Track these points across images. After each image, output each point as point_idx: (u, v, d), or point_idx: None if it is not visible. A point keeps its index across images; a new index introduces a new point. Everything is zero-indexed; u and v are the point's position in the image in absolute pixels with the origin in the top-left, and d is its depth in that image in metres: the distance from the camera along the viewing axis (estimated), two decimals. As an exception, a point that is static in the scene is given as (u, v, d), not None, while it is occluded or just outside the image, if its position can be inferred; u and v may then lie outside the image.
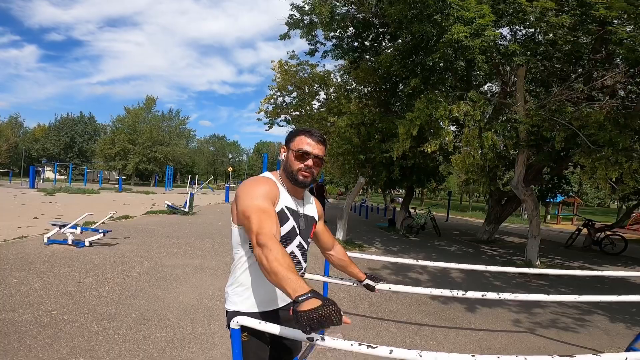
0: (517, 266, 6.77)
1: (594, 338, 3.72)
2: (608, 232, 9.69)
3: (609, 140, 5.52)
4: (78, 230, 6.63)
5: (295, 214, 1.63)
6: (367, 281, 2.19)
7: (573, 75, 7.54)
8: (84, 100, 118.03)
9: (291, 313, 1.08)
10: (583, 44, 7.00)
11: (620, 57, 6.52)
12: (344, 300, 4.63)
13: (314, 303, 1.05)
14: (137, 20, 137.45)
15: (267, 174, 1.67)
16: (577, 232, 10.64)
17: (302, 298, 1.08)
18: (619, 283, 6.44)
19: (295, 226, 1.61)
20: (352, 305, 4.45)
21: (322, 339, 1.30)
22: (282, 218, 1.54)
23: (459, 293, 2.22)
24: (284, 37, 10.66)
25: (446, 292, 2.29)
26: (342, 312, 1.05)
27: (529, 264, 6.79)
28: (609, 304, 4.74)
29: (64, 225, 6.57)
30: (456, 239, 11.25)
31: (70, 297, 4.04)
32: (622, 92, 7.34)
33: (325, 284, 3.20)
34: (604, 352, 1.32)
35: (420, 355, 1.23)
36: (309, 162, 1.59)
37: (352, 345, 1.30)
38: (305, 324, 1.04)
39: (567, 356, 1.34)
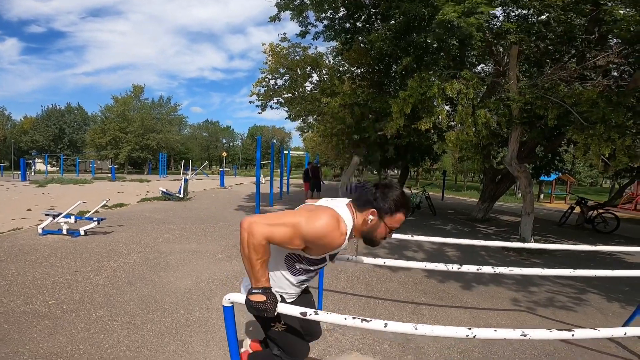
0: (512, 242, 6.86)
1: (589, 317, 3.77)
2: (600, 210, 9.76)
3: (602, 117, 5.53)
4: (72, 220, 6.60)
5: (332, 256, 1.76)
6: None
7: (567, 57, 7.50)
8: (70, 92, 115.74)
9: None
10: (576, 25, 6.95)
11: (614, 37, 6.49)
12: (341, 280, 4.67)
13: (260, 298, 1.46)
14: (121, 10, 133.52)
15: (346, 225, 1.55)
16: (570, 210, 10.73)
17: (254, 291, 1.48)
18: (612, 261, 6.54)
19: (322, 265, 1.78)
20: (349, 285, 4.50)
21: (316, 313, 1.32)
22: (318, 261, 1.69)
23: (454, 267, 2.23)
24: (274, 18, 10.42)
25: (441, 266, 2.30)
26: (275, 310, 1.48)
27: (523, 242, 6.86)
28: (603, 284, 4.81)
29: (58, 215, 6.53)
30: (451, 218, 11.34)
31: (67, 287, 4.04)
32: (616, 73, 7.33)
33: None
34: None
35: (416, 329, 1.24)
36: (392, 234, 1.67)
37: (345, 319, 1.30)
38: (248, 307, 1.49)
39: (565, 330, 1.35)
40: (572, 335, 1.41)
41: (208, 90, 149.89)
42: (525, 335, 1.33)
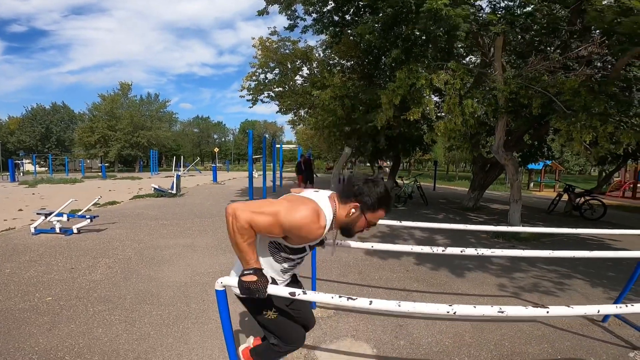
0: (500, 231, 7.00)
1: (573, 302, 3.84)
2: (587, 197, 9.94)
3: (584, 105, 5.69)
4: (65, 218, 6.60)
5: (313, 246, 1.83)
6: None
7: (550, 48, 7.62)
8: (56, 90, 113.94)
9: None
10: (560, 17, 7.06)
11: (596, 28, 6.62)
12: (335, 269, 4.77)
13: (251, 278, 1.53)
14: (105, 7, 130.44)
15: (325, 218, 1.61)
16: (558, 197, 10.91)
17: (246, 272, 1.55)
18: (599, 247, 6.69)
19: (303, 256, 1.84)
20: (342, 274, 4.60)
21: (304, 293, 1.40)
22: (299, 251, 1.76)
23: (439, 249, 2.33)
24: (262, 12, 10.41)
25: (426, 249, 2.39)
26: (266, 291, 1.54)
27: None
28: (588, 269, 4.94)
29: (49, 214, 6.52)
30: (443, 207, 11.50)
31: (64, 284, 4.08)
32: (599, 63, 7.47)
33: (313, 252, 3.29)
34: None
35: (399, 305, 1.32)
36: (369, 228, 1.76)
37: (332, 297, 1.38)
38: (240, 288, 1.56)
39: (541, 306, 1.44)
40: (547, 312, 1.47)
41: (198, 86, 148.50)
42: (502, 312, 1.41)
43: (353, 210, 1.64)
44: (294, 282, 2.02)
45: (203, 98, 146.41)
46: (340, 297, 1.38)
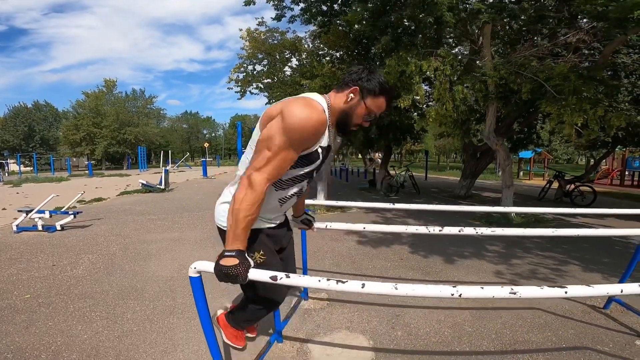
0: (494, 217, 6.95)
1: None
2: (577, 184, 9.96)
3: (573, 90, 5.69)
4: (47, 215, 6.36)
5: (326, 150, 1.57)
6: (306, 216, 2.17)
7: (538, 37, 7.59)
8: (38, 89, 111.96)
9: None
10: (547, 5, 7.01)
11: (583, 15, 6.59)
12: (327, 259, 4.65)
13: (232, 261, 1.29)
14: (85, 4, 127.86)
15: (319, 103, 1.42)
16: (548, 184, 10.94)
17: (227, 253, 1.32)
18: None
19: (320, 162, 1.57)
20: (336, 264, 4.48)
21: (287, 277, 1.26)
22: (312, 159, 1.50)
23: (435, 229, 2.22)
24: (249, 2, 10.20)
25: (422, 229, 2.28)
26: (247, 276, 1.31)
27: (504, 215, 6.98)
28: (583, 255, 4.88)
29: (31, 211, 6.29)
30: (435, 196, 11.45)
31: (44, 281, 3.90)
32: (586, 51, 7.47)
33: (303, 234, 3.15)
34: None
35: (396, 288, 1.18)
36: (368, 123, 1.57)
37: (319, 281, 1.25)
38: (217, 273, 1.32)
39: (558, 286, 1.26)
40: (565, 292, 1.25)
41: (186, 82, 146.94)
42: (514, 293, 1.24)
43: (352, 95, 1.46)
44: (285, 225, 1.82)
45: (192, 94, 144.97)
46: (328, 280, 1.23)
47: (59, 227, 6.30)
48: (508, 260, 4.71)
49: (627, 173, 17.33)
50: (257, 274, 1.32)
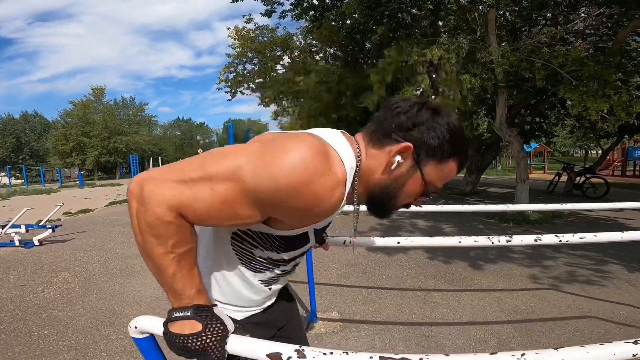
0: (509, 214, 6.48)
1: (623, 291, 3.27)
2: (588, 175, 9.56)
3: (592, 75, 5.29)
4: (23, 229, 5.81)
5: (320, 230, 0.95)
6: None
7: (542, 22, 7.23)
8: (27, 100, 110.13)
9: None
10: None
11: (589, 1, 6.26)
12: (334, 269, 4.13)
13: (191, 327, 0.72)
14: (71, 12, 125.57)
15: (339, 160, 0.76)
16: (557, 177, 10.51)
17: (176, 314, 0.73)
18: (615, 225, 6.22)
19: (308, 246, 0.96)
20: (344, 275, 3.95)
21: (300, 354, 0.67)
22: (296, 243, 0.90)
23: (464, 240, 1.66)
24: None
25: (452, 241, 1.70)
26: (223, 351, 0.72)
27: (520, 211, 6.51)
28: (620, 252, 4.40)
29: (4, 226, 5.74)
30: (441, 194, 10.97)
31: (9, 303, 3.39)
32: (594, 38, 7.13)
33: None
34: None
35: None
36: (423, 199, 0.87)
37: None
38: (171, 346, 0.74)
39: None
40: None
41: (177, 88, 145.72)
42: None
43: (399, 158, 0.78)
44: (282, 296, 1.13)
45: (183, 100, 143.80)
46: (380, 358, 0.66)
47: (36, 242, 5.76)
48: (539, 261, 4.21)
49: (628, 163, 17.00)
50: (243, 346, 0.72)
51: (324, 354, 0.64)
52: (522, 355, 0.61)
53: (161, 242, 0.70)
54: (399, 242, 1.53)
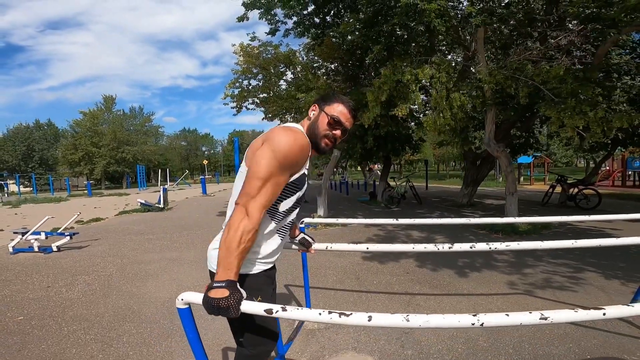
0: (499, 225, 6.80)
1: (591, 296, 3.59)
2: (581, 187, 9.84)
3: (571, 92, 5.65)
4: (43, 236, 6.27)
5: (307, 177, 1.59)
6: (304, 236, 2.04)
7: (530, 39, 7.62)
8: (37, 107, 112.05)
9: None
10: (536, 8, 7.05)
11: (572, 18, 6.63)
12: (330, 276, 4.51)
13: (222, 293, 1.19)
14: (81, 21, 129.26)
15: (300, 130, 1.48)
16: (551, 189, 10.81)
17: (216, 284, 1.21)
18: (601, 237, 6.54)
19: (305, 188, 1.58)
20: (339, 280, 4.34)
21: (284, 309, 1.15)
22: (300, 183, 1.51)
23: (445, 246, 2.09)
24: (242, 18, 10.24)
25: (430, 247, 2.15)
26: (239, 309, 1.19)
27: (510, 222, 6.86)
28: (599, 261, 4.73)
29: (26, 233, 6.19)
30: (437, 206, 11.34)
31: (38, 302, 3.80)
32: (578, 52, 7.49)
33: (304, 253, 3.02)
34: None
35: (408, 320, 1.05)
36: (338, 132, 1.54)
37: (320, 314, 1.11)
38: (206, 306, 1.21)
39: (594, 308, 1.12)
40: (604, 314, 1.12)
41: (183, 98, 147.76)
42: (545, 319, 1.07)
43: (313, 112, 1.56)
44: (274, 268, 1.70)
45: (189, 111, 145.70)
46: (330, 312, 1.09)
47: (55, 249, 6.20)
48: (520, 269, 4.56)
49: (628, 173, 17.26)
50: (250, 307, 1.20)
51: (297, 309, 1.06)
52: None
53: (247, 237, 1.27)
54: (367, 248, 1.94)
